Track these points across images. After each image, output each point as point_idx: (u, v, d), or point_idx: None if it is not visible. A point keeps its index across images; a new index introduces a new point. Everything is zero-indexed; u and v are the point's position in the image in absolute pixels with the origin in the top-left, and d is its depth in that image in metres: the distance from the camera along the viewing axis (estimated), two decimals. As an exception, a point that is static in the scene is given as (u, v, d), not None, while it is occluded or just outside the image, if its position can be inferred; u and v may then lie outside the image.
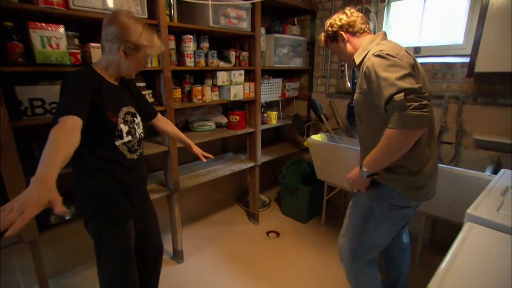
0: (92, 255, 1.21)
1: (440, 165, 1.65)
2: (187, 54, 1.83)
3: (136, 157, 1.23)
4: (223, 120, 2.27)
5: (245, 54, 2.15)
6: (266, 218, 2.64)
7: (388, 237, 1.28)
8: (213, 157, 1.67)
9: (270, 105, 2.79)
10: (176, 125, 1.77)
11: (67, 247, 1.86)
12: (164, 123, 1.52)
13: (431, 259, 2.04)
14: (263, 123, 2.44)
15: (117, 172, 1.16)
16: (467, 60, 1.82)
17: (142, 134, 1.27)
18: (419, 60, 2.18)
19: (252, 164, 2.37)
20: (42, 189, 0.70)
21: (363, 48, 1.19)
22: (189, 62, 1.85)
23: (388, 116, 1.01)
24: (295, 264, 2.04)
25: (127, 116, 1.17)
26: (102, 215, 1.17)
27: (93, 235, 1.20)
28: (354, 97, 1.23)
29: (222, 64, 2.06)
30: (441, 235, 2.17)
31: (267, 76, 2.56)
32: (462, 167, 1.67)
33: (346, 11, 1.24)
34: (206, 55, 1.94)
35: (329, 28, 1.26)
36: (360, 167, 1.16)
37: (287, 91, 2.74)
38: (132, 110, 1.22)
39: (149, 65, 1.64)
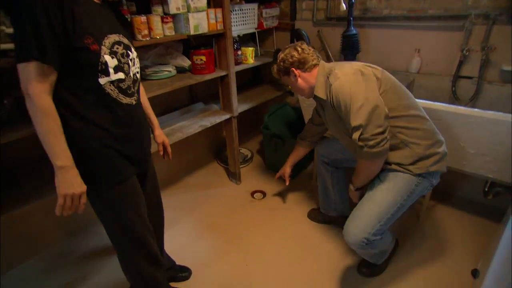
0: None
1: (458, 106, 1.32)
2: (116, -35, 1.22)
3: (134, 102, 0.97)
4: (185, 62, 1.74)
5: (205, -35, 1.53)
6: (249, 175, 2.32)
7: None
8: (170, 158, 1.35)
9: (244, 40, 2.23)
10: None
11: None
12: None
13: (433, 211, 1.85)
14: (237, 63, 1.94)
15: (104, 121, 0.89)
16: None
17: (138, 75, 1.00)
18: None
19: (227, 116, 1.93)
20: (67, 177, 0.84)
21: (320, 82, 1.23)
22: (122, -22, 1.25)
23: None
24: (286, 230, 1.78)
25: (116, 46, 0.89)
26: (94, 177, 0.92)
27: (91, 202, 0.99)
28: (333, 123, 1.30)
29: (173, -19, 1.45)
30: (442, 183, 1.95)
31: (238, 0, 1.96)
32: (482, 108, 1.33)
33: (297, 47, 1.26)
34: (147, -33, 1.33)
35: (281, 63, 1.29)
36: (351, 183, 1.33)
37: (265, 20, 2.17)
38: (125, 41, 0.94)
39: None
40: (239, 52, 1.92)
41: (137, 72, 0.99)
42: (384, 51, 1.92)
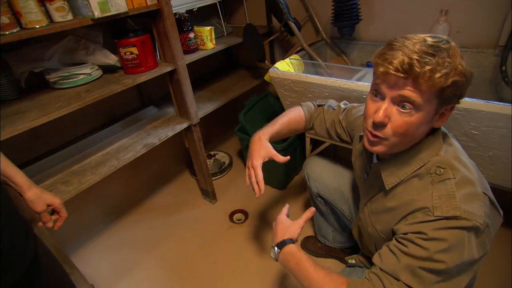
0: None
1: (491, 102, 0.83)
2: None
3: None
4: (109, 58, 1.21)
5: None
6: (227, 188, 1.86)
7: None
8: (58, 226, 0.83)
9: (204, 15, 1.67)
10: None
11: None
12: None
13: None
14: (190, 50, 1.40)
15: None
16: None
17: None
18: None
19: (184, 125, 1.43)
20: None
21: (404, 162, 0.64)
22: None
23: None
24: (275, 270, 1.35)
25: None
26: None
27: None
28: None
29: None
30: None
31: (184, -42, 1.38)
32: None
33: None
34: None
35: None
36: (280, 244, 0.78)
37: (229, -15, 1.60)
38: None
39: None
40: (191, 35, 1.37)
41: None
42: (395, 18, 1.36)
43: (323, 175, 1.11)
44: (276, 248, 0.77)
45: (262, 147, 0.90)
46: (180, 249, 1.51)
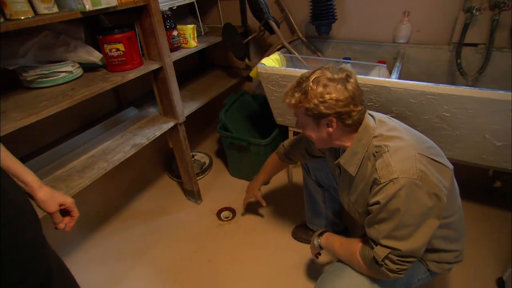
0: None
1: (460, 87, 0.99)
2: None
3: None
4: (92, 55, 1.15)
5: None
6: (211, 188, 1.85)
7: None
8: (69, 228, 0.77)
9: (179, 15, 1.66)
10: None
11: None
12: None
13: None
14: (174, 48, 1.39)
15: None
16: None
17: None
18: None
19: (171, 124, 1.41)
20: None
21: (353, 152, 0.81)
22: None
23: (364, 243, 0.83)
24: (270, 262, 1.38)
25: None
26: None
27: None
28: (345, 190, 0.92)
29: None
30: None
31: (162, -44, 1.37)
32: (489, 87, 1.03)
33: (348, 86, 0.75)
34: None
35: (317, 101, 0.75)
36: (319, 236, 1.02)
37: (204, -15, 1.61)
38: None
39: None
40: (175, 33, 1.36)
41: None
42: (366, 17, 1.51)
43: (323, 163, 1.18)
44: (318, 239, 1.02)
45: (253, 192, 1.44)
46: (172, 252, 1.47)
